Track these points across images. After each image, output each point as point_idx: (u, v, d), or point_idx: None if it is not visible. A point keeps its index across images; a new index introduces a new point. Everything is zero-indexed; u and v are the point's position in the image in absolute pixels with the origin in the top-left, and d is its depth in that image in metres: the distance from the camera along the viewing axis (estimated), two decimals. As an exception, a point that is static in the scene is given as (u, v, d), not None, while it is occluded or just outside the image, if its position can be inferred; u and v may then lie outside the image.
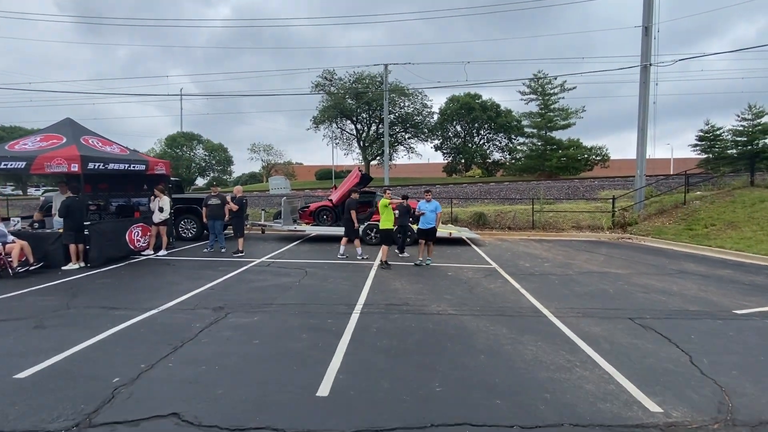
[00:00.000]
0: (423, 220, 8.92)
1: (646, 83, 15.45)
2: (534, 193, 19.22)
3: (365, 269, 8.42)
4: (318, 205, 12.53)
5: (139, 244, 9.73)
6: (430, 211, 8.85)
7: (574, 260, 9.91)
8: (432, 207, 8.91)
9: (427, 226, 8.89)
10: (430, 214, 8.87)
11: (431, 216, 8.89)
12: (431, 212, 8.86)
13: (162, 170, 10.68)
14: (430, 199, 9.04)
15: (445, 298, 6.36)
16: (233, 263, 8.92)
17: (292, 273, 7.97)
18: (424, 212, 8.85)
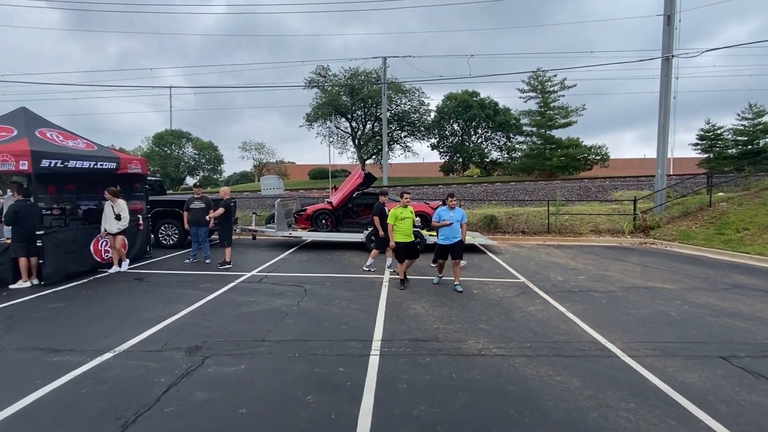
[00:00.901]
0: (446, 233, 6.85)
1: (668, 76, 14.37)
2: (544, 194, 18.11)
3: (375, 286, 7.14)
4: (316, 209, 11.21)
5: (108, 256, 8.33)
6: (455, 221, 6.86)
7: (608, 271, 8.73)
8: (458, 216, 6.93)
9: (452, 239, 6.86)
10: (456, 224, 6.88)
11: (456, 228, 6.89)
12: (457, 222, 6.88)
13: (137, 168, 9.29)
14: (454, 205, 6.98)
15: (481, 328, 5.11)
16: (218, 278, 7.58)
17: (288, 292, 6.66)
18: (448, 222, 6.78)
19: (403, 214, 6.98)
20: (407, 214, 7.02)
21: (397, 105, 39.89)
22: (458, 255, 6.95)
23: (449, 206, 6.99)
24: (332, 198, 11.11)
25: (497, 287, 7.21)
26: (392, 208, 7.22)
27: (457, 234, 6.90)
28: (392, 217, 7.05)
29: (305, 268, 8.59)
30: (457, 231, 6.91)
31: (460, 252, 6.97)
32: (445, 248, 6.98)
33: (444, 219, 6.83)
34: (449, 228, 6.85)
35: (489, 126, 45.36)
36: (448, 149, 46.68)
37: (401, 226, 6.96)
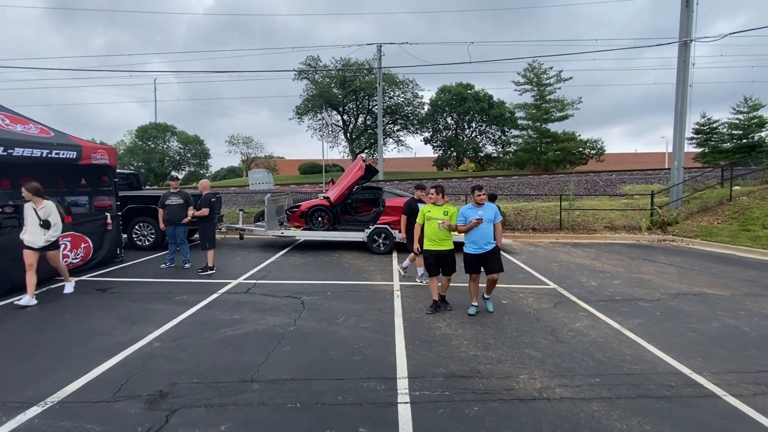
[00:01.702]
0: (475, 239, 5.18)
1: (685, 62, 13.48)
2: (549, 188, 17.20)
3: (386, 296, 6.04)
4: (311, 205, 10.04)
5: (67, 261, 7.07)
6: (487, 220, 5.15)
7: (642, 274, 7.78)
8: (490, 214, 5.20)
9: (484, 247, 5.14)
10: (487, 225, 5.15)
11: (488, 229, 5.18)
12: (488, 222, 5.18)
13: (103, 159, 8.01)
14: (483, 200, 5.24)
15: (529, 355, 4.05)
16: (198, 288, 6.40)
17: (282, 305, 5.51)
18: (478, 221, 5.06)
19: (432, 214, 5.35)
20: (437, 215, 5.31)
21: (390, 97, 38.68)
22: (495, 267, 5.20)
23: (476, 202, 5.25)
24: (329, 193, 9.96)
25: (528, 296, 6.17)
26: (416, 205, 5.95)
27: (489, 238, 5.19)
28: (420, 215, 5.53)
29: (301, 274, 7.44)
30: (490, 234, 5.19)
31: (497, 263, 5.22)
32: (475, 259, 5.24)
33: (469, 218, 5.17)
34: (479, 231, 5.11)
35: (483, 119, 44.37)
36: (441, 143, 45.61)
37: (427, 230, 5.41)
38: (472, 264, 5.30)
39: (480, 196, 5.28)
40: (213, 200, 7.32)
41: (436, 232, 5.29)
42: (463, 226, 5.21)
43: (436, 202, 5.44)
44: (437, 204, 5.43)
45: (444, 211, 5.33)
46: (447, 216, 5.27)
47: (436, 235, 5.32)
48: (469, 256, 5.29)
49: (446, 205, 5.43)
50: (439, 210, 5.36)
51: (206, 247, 7.34)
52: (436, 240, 5.33)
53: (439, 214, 5.32)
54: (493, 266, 5.22)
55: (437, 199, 5.44)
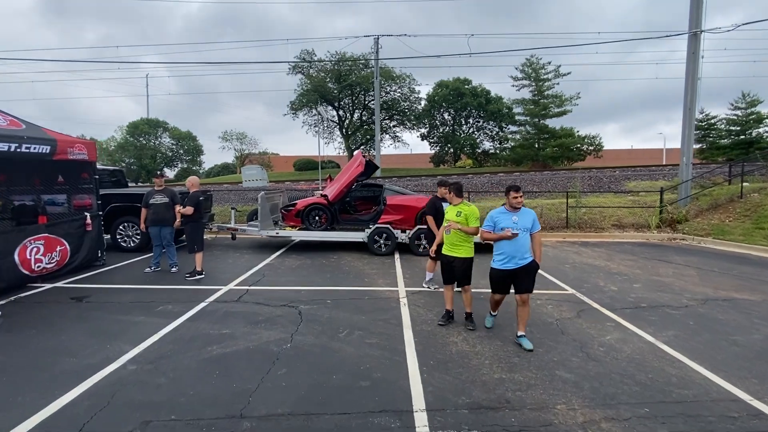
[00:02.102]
0: (507, 251, 4.16)
1: (695, 53, 13.02)
2: (553, 185, 16.74)
3: (391, 305, 5.49)
4: (308, 203, 9.46)
5: (40, 267, 6.46)
6: (523, 228, 4.12)
7: (660, 276, 7.31)
8: (527, 222, 4.16)
9: (518, 261, 4.15)
10: (523, 235, 4.12)
11: (524, 240, 4.14)
12: (524, 231, 4.13)
13: (82, 154, 7.37)
14: (520, 203, 4.21)
15: (561, 378, 3.53)
16: (184, 296, 5.82)
17: (277, 317, 4.95)
18: (510, 233, 4.06)
19: (447, 215, 4.81)
20: (450, 215, 4.72)
21: (386, 92, 38.02)
22: (526, 285, 4.16)
23: (511, 206, 4.21)
24: (327, 190, 9.38)
25: (546, 303, 5.65)
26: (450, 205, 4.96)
27: (526, 252, 4.15)
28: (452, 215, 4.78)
29: (297, 278, 6.87)
30: (526, 246, 4.15)
31: (530, 280, 4.18)
32: (503, 276, 4.22)
33: (505, 227, 4.11)
34: (512, 243, 4.11)
35: (480, 115, 43.87)
36: (438, 139, 45.05)
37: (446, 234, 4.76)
38: (499, 282, 4.31)
39: (516, 199, 4.16)
40: (201, 198, 6.73)
41: (450, 239, 4.70)
42: (490, 234, 4.22)
43: (451, 201, 4.83)
44: (452, 203, 4.82)
45: (458, 211, 4.67)
46: (460, 218, 4.61)
47: (448, 239, 4.72)
48: (496, 272, 4.27)
49: (462, 204, 4.76)
50: (452, 210, 4.73)
51: (194, 249, 6.74)
52: (448, 245, 4.74)
53: (451, 215, 4.69)
54: (524, 284, 4.15)
55: (451, 198, 4.82)
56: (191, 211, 6.60)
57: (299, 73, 37.35)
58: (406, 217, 9.14)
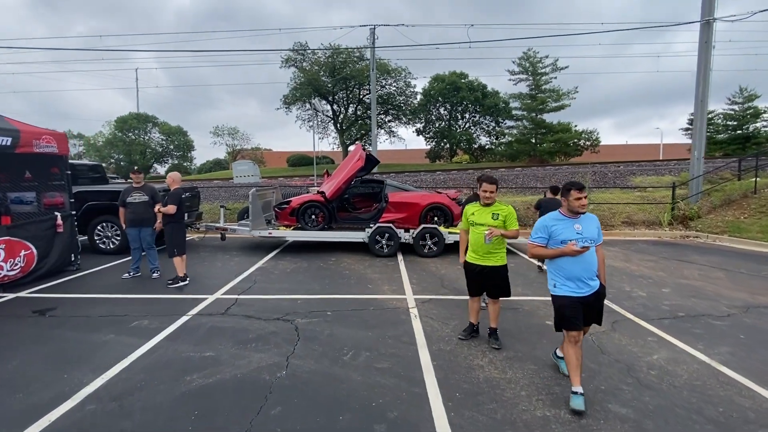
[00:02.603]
0: (572, 268, 3.07)
1: (708, 43, 12.44)
2: (556, 180, 16.12)
3: (400, 316, 4.84)
4: (303, 200, 8.75)
5: (1, 274, 5.71)
6: (590, 240, 3.06)
7: (687, 279, 6.74)
8: (592, 230, 3.12)
9: (589, 284, 3.09)
10: (587, 244, 3.04)
11: (591, 256, 3.08)
12: (590, 241, 3.06)
13: (50, 147, 6.61)
14: (585, 205, 3.09)
15: (617, 414, 2.90)
16: (164, 308, 5.12)
17: (270, 334, 4.27)
18: (575, 247, 2.98)
19: (477, 218, 3.93)
20: (483, 218, 3.89)
21: (382, 86, 37.20)
22: (597, 318, 3.26)
23: (571, 210, 3.10)
24: (324, 187, 8.68)
25: (574, 313, 5.03)
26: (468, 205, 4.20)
27: (593, 271, 3.10)
28: (463, 217, 4.17)
29: (293, 285, 6.19)
30: (594, 264, 3.09)
31: (600, 313, 3.26)
32: (577, 305, 3.06)
33: (567, 239, 3.02)
34: (579, 261, 3.02)
35: (477, 110, 43.23)
36: (434, 135, 44.38)
37: (471, 235, 4.03)
38: (572, 313, 3.02)
39: (579, 201, 3.01)
40: (183, 196, 6.00)
41: (480, 244, 3.88)
42: (544, 249, 3.12)
43: (482, 200, 3.96)
44: (486, 203, 3.94)
45: (493, 213, 3.89)
46: (498, 221, 3.87)
47: (481, 248, 3.89)
48: (567, 301, 3.05)
49: (498, 204, 3.97)
50: (486, 212, 3.90)
51: (174, 253, 6.01)
52: (479, 253, 3.95)
53: (486, 218, 3.88)
54: (592, 316, 3.19)
55: (486, 197, 3.90)
56: (173, 210, 5.87)
57: (292, 66, 36.38)
58: (410, 215, 8.48)
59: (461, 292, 5.81)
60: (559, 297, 3.13)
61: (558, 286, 3.15)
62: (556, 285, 3.17)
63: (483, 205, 3.96)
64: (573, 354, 3.05)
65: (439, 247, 8.18)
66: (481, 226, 3.87)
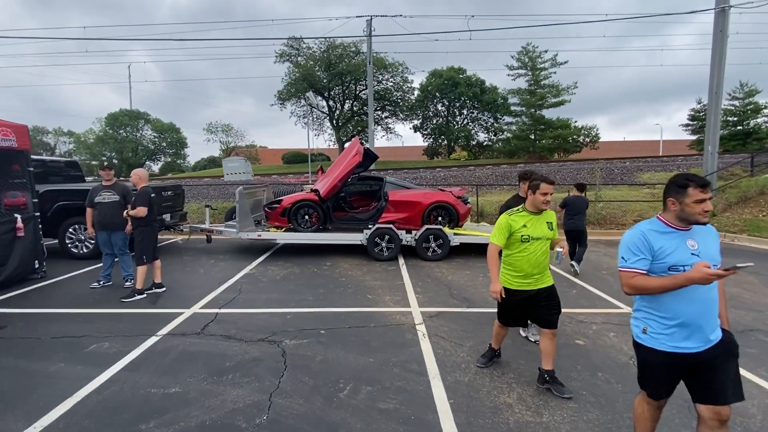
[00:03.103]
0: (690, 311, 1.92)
1: (723, 32, 11.82)
2: (561, 177, 15.55)
3: (404, 335, 4.15)
4: (296, 199, 8.03)
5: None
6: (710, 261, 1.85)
7: (719, 285, 6.10)
8: (712, 248, 1.98)
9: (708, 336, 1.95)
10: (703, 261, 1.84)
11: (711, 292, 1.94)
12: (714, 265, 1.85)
13: (8, 141, 5.86)
14: (709, 209, 1.94)
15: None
16: (131, 326, 4.41)
17: (251, 361, 3.58)
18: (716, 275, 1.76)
19: (532, 230, 3.01)
20: (540, 230, 3.01)
21: (378, 82, 36.43)
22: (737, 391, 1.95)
23: (683, 217, 1.97)
24: (318, 184, 7.97)
25: (605, 328, 4.38)
26: (504, 213, 3.18)
27: (714, 313, 1.97)
28: (501, 230, 3.07)
29: (282, 295, 5.49)
30: (714, 302, 1.97)
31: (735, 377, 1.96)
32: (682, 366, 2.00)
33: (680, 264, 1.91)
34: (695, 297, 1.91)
35: (475, 106, 42.56)
36: (432, 131, 43.68)
37: (520, 254, 3.04)
38: (671, 375, 2.05)
39: (703, 204, 1.93)
40: (153, 196, 5.26)
41: (538, 263, 3.00)
42: (649, 280, 1.95)
43: (537, 204, 3.02)
44: (534, 210, 3.05)
45: (547, 222, 3.07)
46: (554, 232, 3.08)
47: (535, 267, 3.01)
48: (670, 358, 1.99)
49: (548, 212, 3.13)
50: (540, 222, 3.04)
51: (143, 260, 5.28)
52: (534, 275, 3.02)
53: (542, 230, 3.01)
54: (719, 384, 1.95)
55: (537, 201, 2.99)
56: (144, 212, 5.15)
57: (287, 61, 35.54)
58: (412, 215, 7.80)
59: (473, 303, 5.15)
60: (653, 353, 2.02)
61: (657, 338, 2.00)
62: (645, 334, 2.05)
63: (534, 213, 3.06)
64: (646, 416, 2.16)
65: (443, 250, 7.52)
66: (538, 240, 3.00)
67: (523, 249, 3.02)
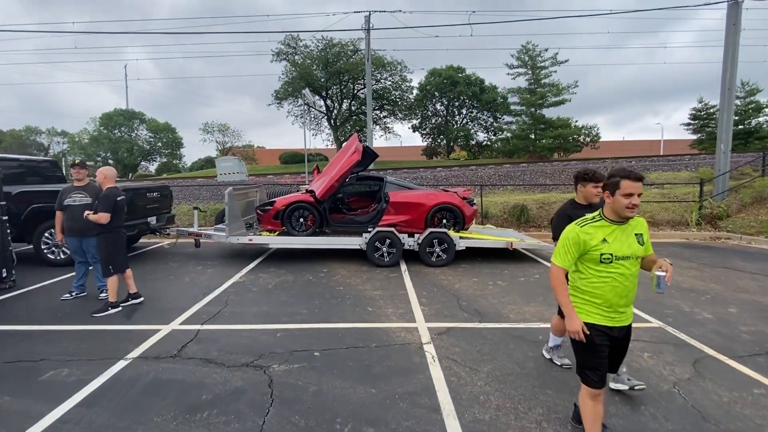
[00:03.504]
0: None
1: (736, 25, 11.36)
2: (566, 176, 15.04)
3: (411, 357, 3.62)
4: (289, 201, 7.49)
5: None
6: None
7: (748, 292, 5.62)
8: None
9: None
10: None
11: None
12: None
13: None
14: None
15: None
16: (98, 347, 3.87)
17: (231, 395, 3.04)
18: None
19: (617, 245, 2.19)
20: (627, 247, 2.21)
21: (377, 81, 35.92)
22: None
23: None
24: (314, 185, 7.43)
25: (638, 347, 3.86)
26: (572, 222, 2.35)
27: None
28: (569, 247, 2.27)
29: (273, 308, 4.95)
30: None
31: None
32: None
33: None
34: None
35: (474, 105, 42.10)
36: (431, 131, 43.20)
37: (600, 280, 2.23)
38: None
39: None
40: (120, 199, 4.70)
41: (627, 292, 2.24)
42: None
43: (619, 211, 2.19)
44: (617, 218, 2.23)
45: (637, 234, 2.26)
46: (646, 247, 2.30)
47: (623, 297, 2.24)
48: None
49: (637, 219, 2.31)
50: (626, 234, 2.23)
51: (110, 271, 4.74)
52: (621, 307, 2.27)
53: (631, 245, 2.22)
54: None
55: (619, 206, 2.17)
56: (106, 218, 4.57)
57: (284, 60, 34.99)
58: (414, 217, 7.28)
59: (485, 316, 4.63)
60: None
61: None
62: None
63: (617, 222, 2.22)
64: None
65: (449, 255, 7.00)
66: (626, 260, 2.18)
67: (605, 273, 2.19)
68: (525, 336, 4.07)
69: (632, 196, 2.13)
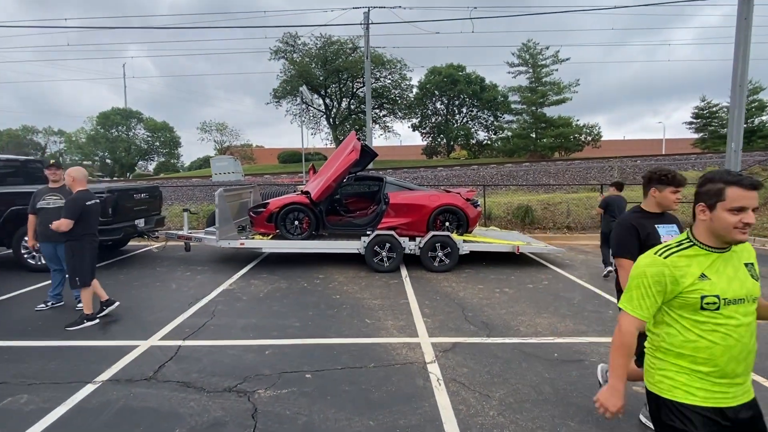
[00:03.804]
0: None
1: (747, 19, 10.99)
2: (570, 176, 14.70)
3: (415, 380, 3.25)
4: (284, 203, 7.11)
5: None
6: None
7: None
8: None
9: None
10: None
11: None
12: None
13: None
14: None
15: None
16: (67, 367, 3.48)
17: (207, 429, 2.66)
18: None
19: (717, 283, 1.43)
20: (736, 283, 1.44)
21: (376, 79, 35.50)
22: None
23: None
24: (310, 185, 7.05)
25: None
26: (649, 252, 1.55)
27: None
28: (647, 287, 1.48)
29: (263, 320, 4.57)
30: None
31: None
32: None
33: None
34: None
35: (475, 104, 41.72)
36: (431, 130, 42.81)
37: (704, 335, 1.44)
38: None
39: None
40: (89, 204, 4.29)
41: (743, 349, 1.44)
42: None
43: (723, 233, 1.44)
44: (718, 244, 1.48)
45: (747, 263, 1.51)
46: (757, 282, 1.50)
47: (741, 361, 1.44)
48: None
49: (745, 247, 1.55)
50: (733, 264, 1.49)
51: (77, 283, 4.34)
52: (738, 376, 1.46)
53: (742, 283, 1.46)
54: None
55: (724, 224, 1.42)
56: (67, 225, 4.14)
57: (282, 58, 34.57)
58: (416, 219, 6.90)
59: (493, 329, 4.25)
60: None
61: None
62: None
63: (718, 249, 1.48)
64: None
65: (452, 260, 6.62)
66: (739, 304, 1.44)
67: (710, 325, 1.44)
68: (538, 353, 3.69)
69: (744, 212, 1.41)
